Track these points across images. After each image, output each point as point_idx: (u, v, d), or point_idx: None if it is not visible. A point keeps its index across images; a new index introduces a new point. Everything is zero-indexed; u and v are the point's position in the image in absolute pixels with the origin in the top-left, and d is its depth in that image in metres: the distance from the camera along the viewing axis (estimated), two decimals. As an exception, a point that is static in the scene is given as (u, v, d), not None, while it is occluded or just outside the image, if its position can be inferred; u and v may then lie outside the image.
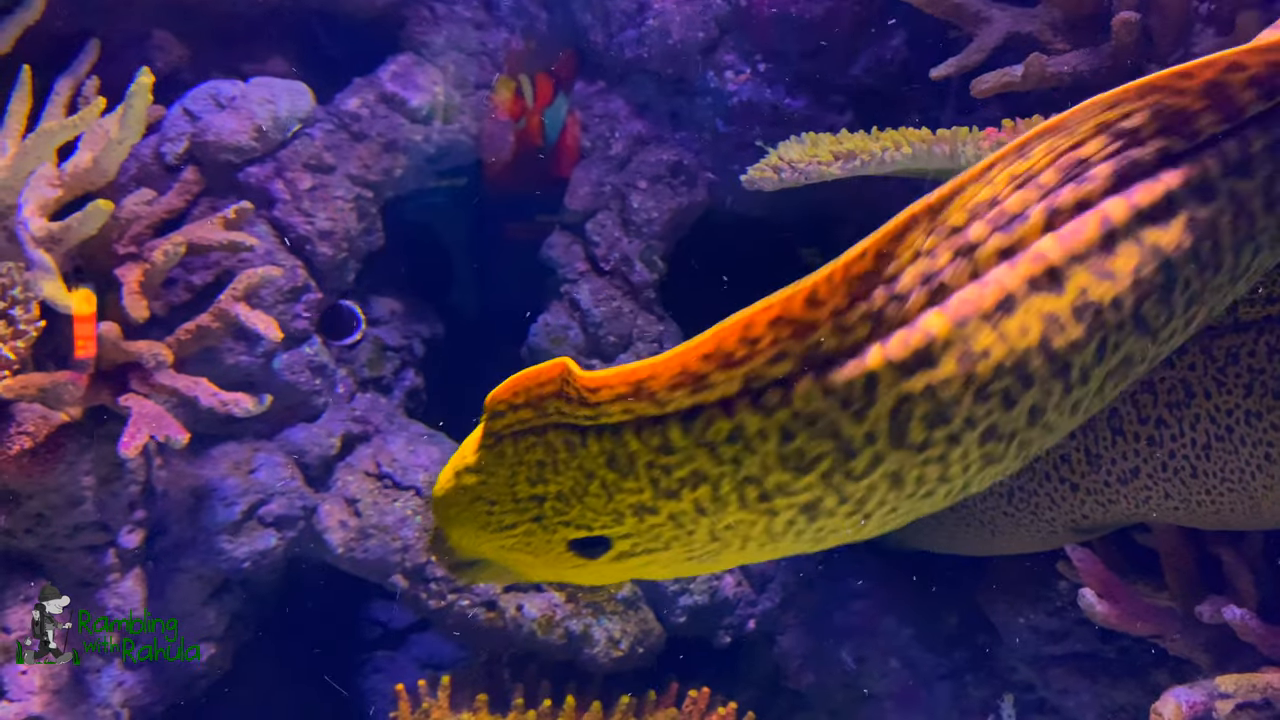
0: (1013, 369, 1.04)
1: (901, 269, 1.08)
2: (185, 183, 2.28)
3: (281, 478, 2.33)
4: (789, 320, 1.09)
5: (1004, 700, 2.58)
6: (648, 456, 1.15)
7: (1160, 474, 2.10)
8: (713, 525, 1.18)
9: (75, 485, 2.06)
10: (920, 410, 1.06)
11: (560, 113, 2.78)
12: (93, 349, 1.97)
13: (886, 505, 1.16)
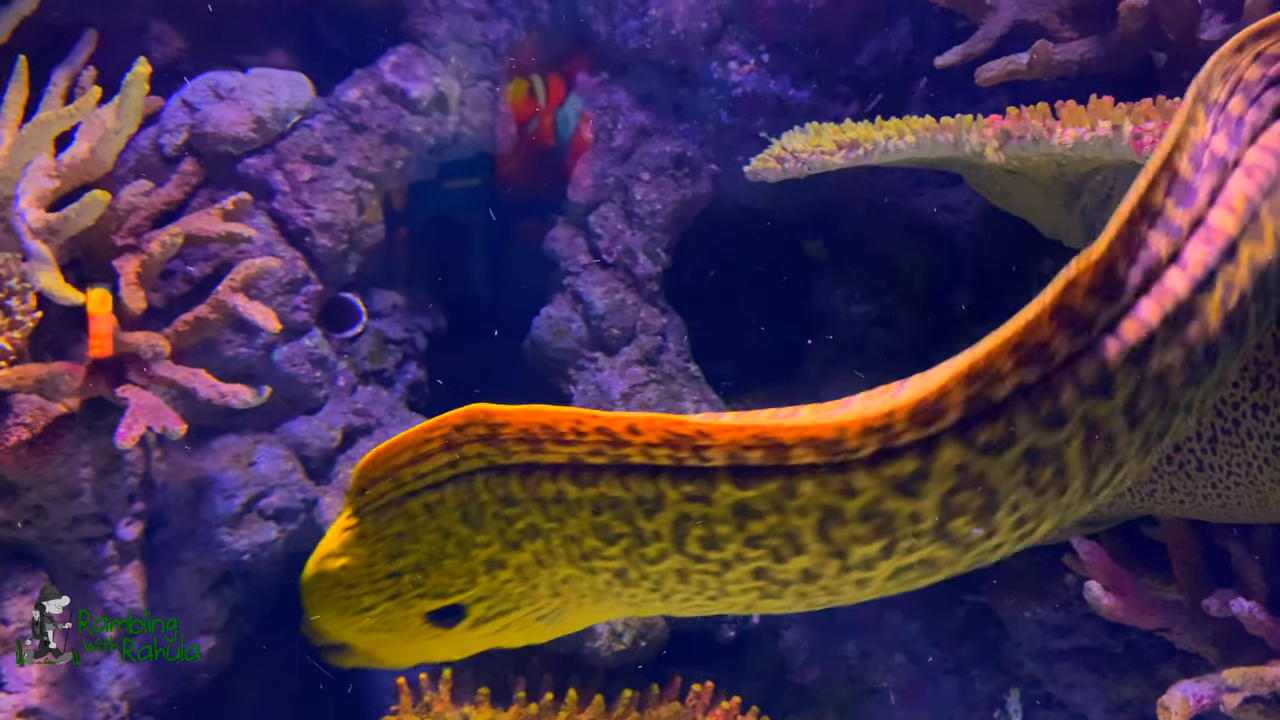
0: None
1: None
2: (184, 174, 2.27)
3: (282, 470, 2.32)
4: (609, 431, 1.12)
5: (1010, 695, 2.55)
6: (494, 507, 1.21)
7: (1165, 467, 2.09)
8: (552, 579, 1.24)
9: (73, 477, 2.05)
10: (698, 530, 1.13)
11: (572, 113, 2.76)
12: (108, 348, 1.96)
13: (678, 594, 1.21)
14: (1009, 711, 2.55)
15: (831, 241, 2.92)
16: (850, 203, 2.89)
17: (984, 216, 2.84)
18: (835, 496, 1.08)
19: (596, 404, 2.62)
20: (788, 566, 1.13)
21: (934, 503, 1.07)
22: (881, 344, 2.81)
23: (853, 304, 2.83)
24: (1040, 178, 2.10)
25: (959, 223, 2.89)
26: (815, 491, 1.08)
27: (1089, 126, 1.79)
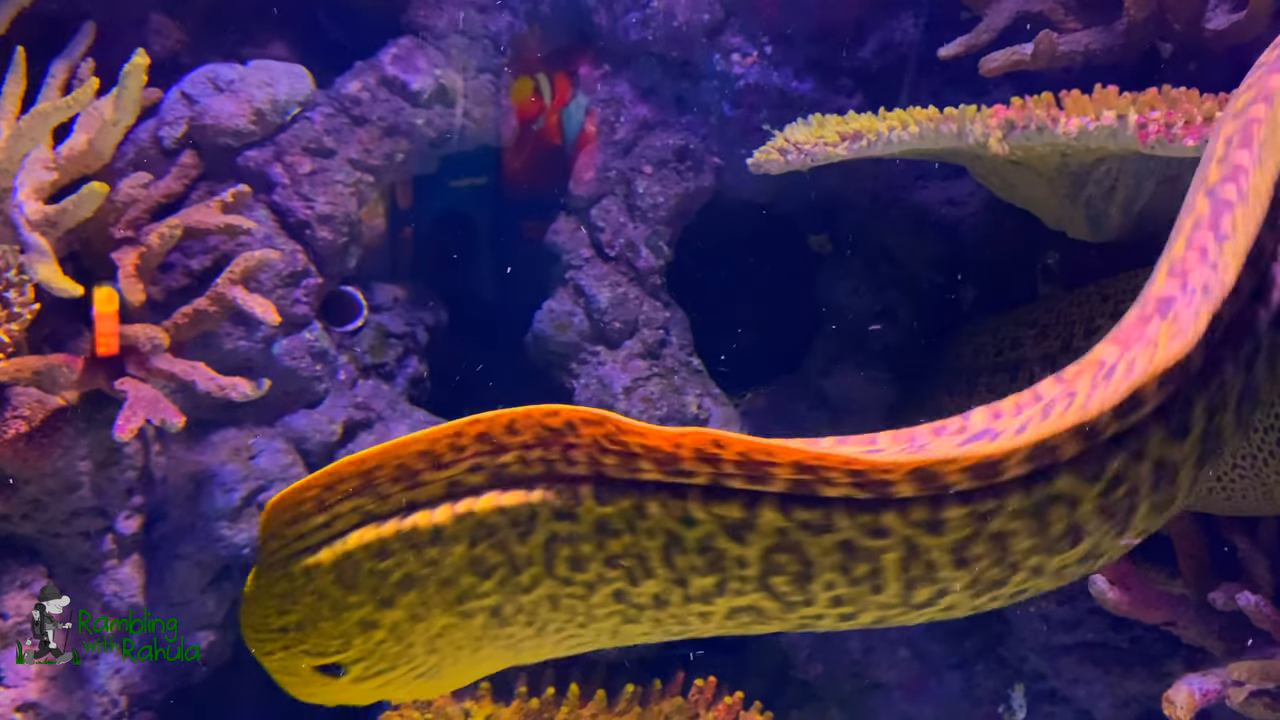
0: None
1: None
2: (183, 166, 2.26)
3: (282, 464, 2.30)
4: (490, 436, 1.14)
5: (1014, 690, 2.54)
6: (369, 564, 1.21)
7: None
8: (427, 633, 1.25)
9: (72, 470, 2.05)
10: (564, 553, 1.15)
11: (578, 112, 2.75)
12: (115, 347, 1.95)
13: (552, 624, 1.22)
14: (1013, 706, 2.54)
15: (835, 235, 2.91)
16: (853, 196, 2.88)
17: (988, 209, 2.83)
18: (677, 523, 1.10)
19: (599, 398, 2.61)
20: (641, 590, 1.15)
21: (758, 553, 1.09)
22: (884, 337, 2.80)
23: (856, 297, 2.81)
24: (1044, 169, 2.08)
25: (962, 216, 2.88)
26: (661, 514, 1.10)
27: (1094, 116, 1.78)
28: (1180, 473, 1.08)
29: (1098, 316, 2.28)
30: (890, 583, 1.10)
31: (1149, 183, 2.06)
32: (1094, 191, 2.09)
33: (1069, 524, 1.06)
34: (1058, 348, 2.36)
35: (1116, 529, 1.09)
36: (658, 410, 2.58)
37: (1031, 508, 1.06)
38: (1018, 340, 2.48)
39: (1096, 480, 1.05)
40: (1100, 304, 2.28)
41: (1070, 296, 2.39)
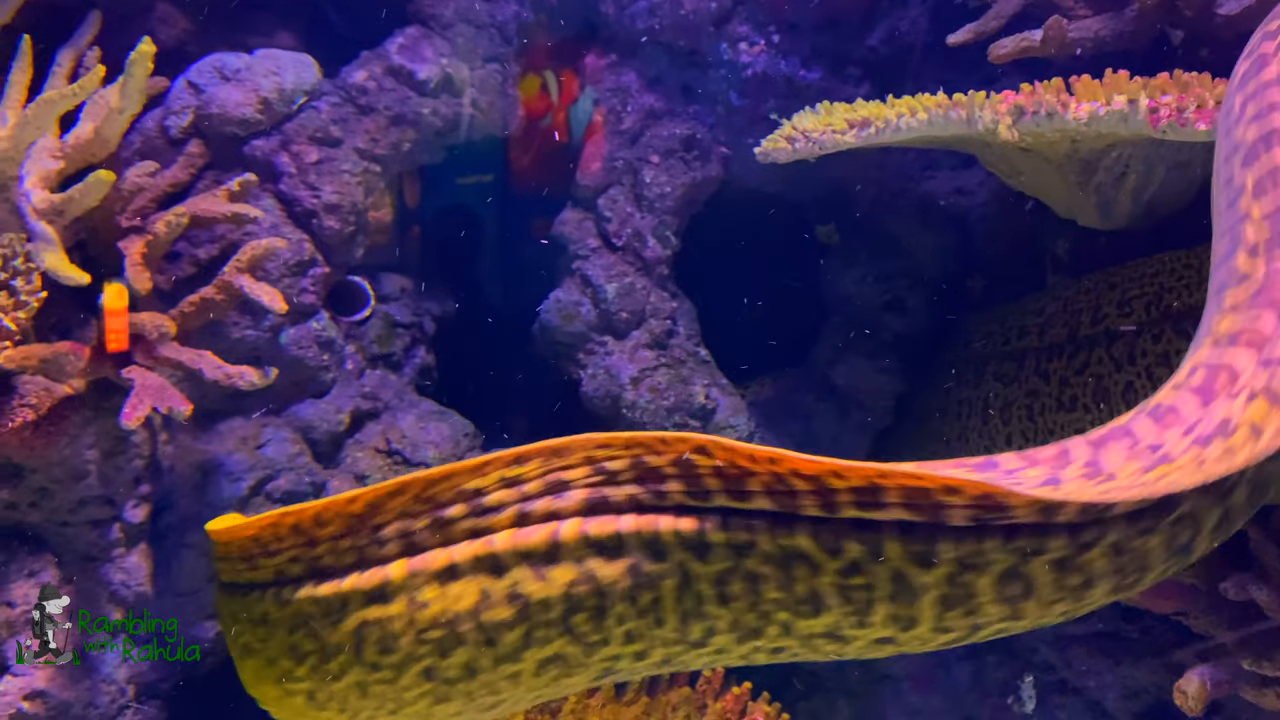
0: (445, 624, 1.21)
1: (387, 521, 1.22)
2: (189, 156, 2.26)
3: (289, 453, 2.30)
4: (303, 529, 1.23)
5: (1024, 681, 2.53)
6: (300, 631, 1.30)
7: None
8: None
9: (79, 458, 2.04)
10: (374, 635, 1.22)
11: (585, 109, 2.74)
12: (124, 343, 1.94)
13: (362, 712, 1.28)
14: (1023, 698, 2.52)
15: (842, 225, 2.90)
16: (861, 186, 2.87)
17: (996, 199, 2.81)
18: (486, 576, 1.18)
19: (606, 388, 2.61)
20: (449, 663, 1.22)
21: (559, 593, 1.16)
22: (893, 327, 2.79)
23: (864, 287, 2.80)
24: (1054, 155, 2.07)
25: (971, 205, 2.87)
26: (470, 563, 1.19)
27: (1104, 101, 1.77)
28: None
29: (1104, 305, 2.27)
30: (668, 617, 1.18)
31: (1160, 169, 2.05)
32: (1104, 179, 2.08)
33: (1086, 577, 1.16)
34: (1064, 336, 2.35)
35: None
36: (665, 400, 2.58)
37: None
38: (1024, 329, 2.48)
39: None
40: (1107, 292, 2.27)
41: (1077, 285, 2.39)
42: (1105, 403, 2.18)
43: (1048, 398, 2.32)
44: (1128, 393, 2.14)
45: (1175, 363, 2.05)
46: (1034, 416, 2.34)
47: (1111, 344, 2.21)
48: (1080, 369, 2.26)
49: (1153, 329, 2.13)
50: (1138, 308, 2.17)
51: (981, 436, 2.49)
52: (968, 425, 2.53)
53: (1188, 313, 2.07)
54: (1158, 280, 2.15)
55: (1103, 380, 2.20)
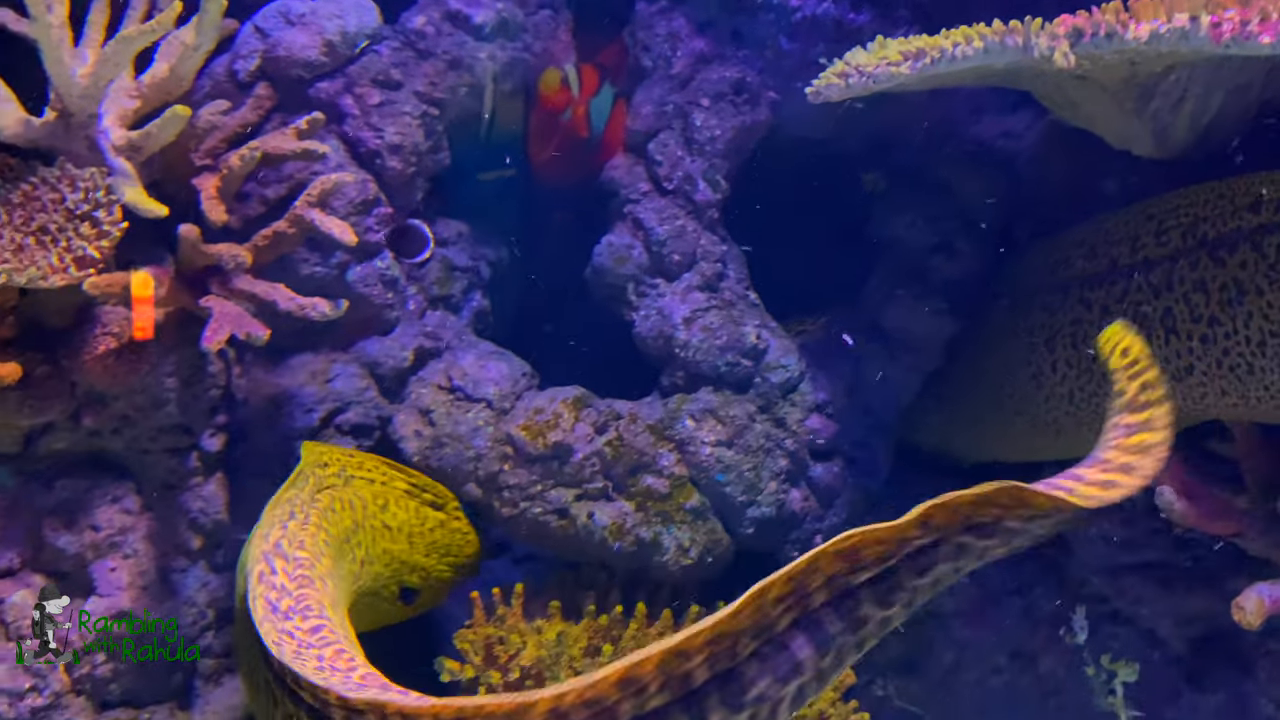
0: None
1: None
2: (258, 98, 2.32)
3: (358, 387, 2.37)
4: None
5: (1076, 612, 2.56)
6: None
7: (1215, 371, 2.11)
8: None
9: (159, 386, 2.11)
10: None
11: (606, 103, 2.78)
12: (150, 331, 2.00)
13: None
14: (1075, 628, 2.56)
15: (891, 170, 2.92)
16: (909, 131, 2.89)
17: (1045, 141, 2.83)
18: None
19: (659, 328, 2.65)
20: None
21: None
22: (942, 271, 2.81)
23: (913, 230, 2.82)
24: (1111, 82, 2.09)
25: (1019, 149, 2.88)
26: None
27: (1165, 18, 1.78)
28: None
29: (1142, 235, 2.31)
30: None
31: (1218, 95, 2.06)
32: (1161, 104, 2.10)
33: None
34: (1105, 266, 2.39)
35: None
36: (717, 339, 2.62)
37: None
38: (1069, 260, 2.52)
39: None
40: (1145, 223, 2.31)
41: (1116, 217, 2.43)
42: (1144, 328, 2.23)
43: (1090, 325, 2.36)
44: (1166, 318, 2.19)
45: (1211, 289, 2.11)
46: (1077, 344, 2.39)
47: (1150, 271, 2.25)
48: (1120, 297, 2.31)
49: (1189, 256, 2.17)
50: (1174, 236, 2.22)
51: (1029, 365, 2.52)
52: (1015, 356, 2.57)
53: (1221, 240, 2.11)
54: (1192, 210, 2.20)
55: (1141, 307, 2.25)
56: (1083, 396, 2.37)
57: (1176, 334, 2.15)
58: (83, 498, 2.12)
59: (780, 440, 2.63)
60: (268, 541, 1.70)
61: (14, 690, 2.01)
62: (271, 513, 1.85)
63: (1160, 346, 2.18)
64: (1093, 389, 2.36)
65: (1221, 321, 2.07)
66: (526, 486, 2.46)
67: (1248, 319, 2.03)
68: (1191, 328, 2.12)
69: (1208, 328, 2.09)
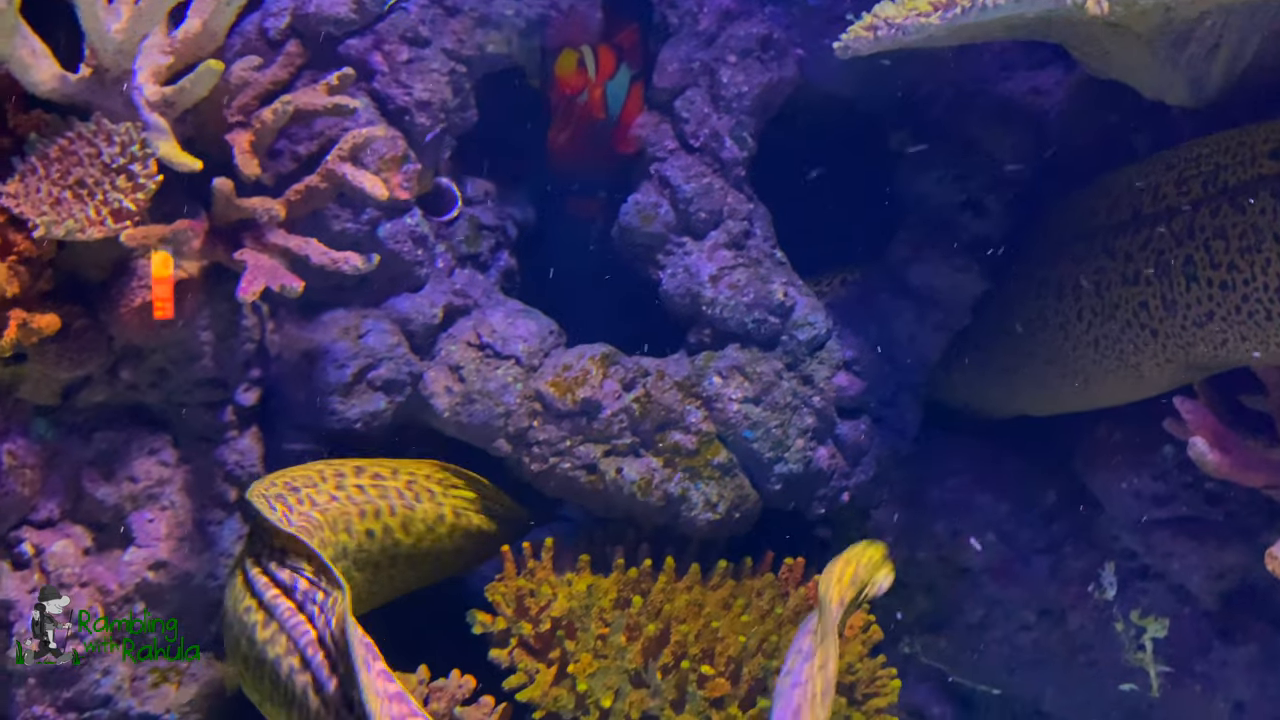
0: None
1: None
2: (288, 55, 2.33)
3: (389, 344, 2.39)
4: None
5: (1105, 568, 2.56)
6: None
7: (1234, 317, 2.12)
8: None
9: (194, 340, 2.14)
10: None
11: (623, 86, 2.77)
12: (170, 311, 2.02)
13: None
14: (1104, 584, 2.56)
15: (919, 126, 2.90)
16: (937, 88, 2.87)
17: (1075, 96, 2.80)
18: None
19: (686, 286, 2.65)
20: None
21: None
22: (970, 228, 2.80)
23: (941, 187, 2.81)
24: (1144, 29, 2.07)
25: (1049, 105, 2.86)
26: None
27: (1201, -40, 1.77)
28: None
29: (1163, 185, 2.30)
30: None
31: (1254, 39, 2.04)
32: (1196, 51, 2.08)
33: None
34: (1129, 215, 2.40)
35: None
36: (744, 296, 2.62)
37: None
38: (1094, 210, 2.52)
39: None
40: (1164, 172, 2.32)
41: (1139, 167, 2.43)
42: (1165, 275, 2.23)
43: (1114, 273, 2.37)
44: (1186, 265, 2.19)
45: (1230, 236, 2.12)
46: (1101, 292, 2.40)
47: (1171, 219, 2.25)
48: (1143, 245, 2.31)
49: (1209, 204, 2.17)
50: (1195, 185, 2.22)
51: (1056, 314, 2.52)
52: (1044, 305, 2.57)
53: (1241, 188, 2.12)
54: (1213, 159, 2.21)
55: (1163, 255, 2.25)
56: (1107, 343, 2.39)
57: (1197, 281, 2.16)
58: (121, 450, 2.16)
59: (807, 397, 2.64)
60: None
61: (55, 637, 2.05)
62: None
63: (1181, 294, 2.19)
64: (1115, 335, 2.37)
65: (1240, 268, 2.08)
66: (556, 442, 2.48)
67: (1266, 265, 2.04)
68: (1211, 274, 2.13)
69: (1227, 274, 2.11)
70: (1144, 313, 2.27)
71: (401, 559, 2.26)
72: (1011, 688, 2.77)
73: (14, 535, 2.11)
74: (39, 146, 2.01)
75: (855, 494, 2.71)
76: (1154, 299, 2.24)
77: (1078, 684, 2.66)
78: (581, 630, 2.27)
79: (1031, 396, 2.70)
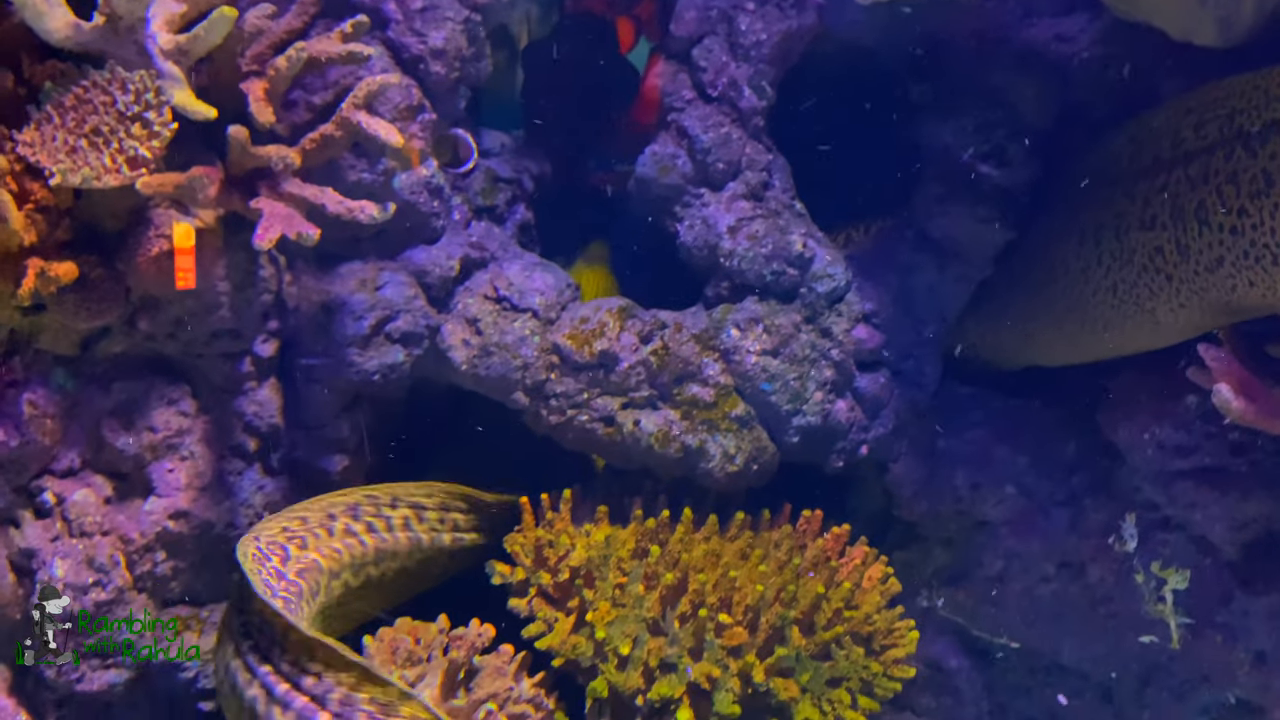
0: None
1: None
2: (302, 3, 2.29)
3: (406, 296, 2.38)
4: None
5: (1126, 519, 2.54)
6: None
7: (1242, 262, 2.10)
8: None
9: (211, 291, 2.14)
10: None
11: (641, 58, 2.73)
12: (193, 281, 2.02)
13: None
14: (1124, 536, 2.54)
15: (940, 75, 2.86)
16: (958, 37, 2.81)
17: (1098, 43, 2.75)
18: None
19: (704, 238, 2.63)
20: None
21: None
22: (993, 178, 2.75)
23: (963, 137, 2.76)
24: (1173, -34, 2.02)
25: (1073, 52, 2.80)
26: None
27: (1234, -109, 1.72)
28: None
29: (1183, 129, 2.27)
30: None
31: (1286, -24, 1.99)
32: (1225, -12, 2.03)
33: None
34: (1149, 161, 2.37)
35: None
36: (763, 248, 2.60)
37: None
38: (1117, 156, 2.48)
39: None
40: (1184, 116, 2.29)
41: (1160, 112, 2.39)
42: (1180, 220, 2.21)
43: (1132, 218, 2.35)
44: (1199, 210, 2.17)
45: (1241, 180, 2.08)
46: (1120, 236, 2.38)
47: (1189, 164, 2.22)
48: (1160, 189, 2.30)
49: (1224, 148, 2.15)
50: (1212, 130, 2.19)
51: (1078, 260, 2.50)
52: (1067, 252, 2.54)
53: (1255, 131, 2.09)
54: (1229, 103, 2.17)
55: (1178, 199, 2.23)
56: (1124, 288, 2.37)
57: (1209, 225, 2.14)
58: (140, 400, 2.16)
59: (826, 350, 2.62)
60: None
61: (78, 585, 2.07)
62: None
63: (1194, 239, 2.18)
64: (1132, 280, 2.35)
65: (1249, 212, 2.06)
66: (573, 395, 2.47)
67: (1274, 210, 2.01)
68: (1223, 219, 2.11)
69: (1237, 219, 2.08)
70: (1159, 258, 2.25)
71: (400, 584, 2.31)
72: (1030, 640, 2.77)
73: (36, 484, 2.13)
74: (54, 95, 2.00)
75: (874, 447, 2.69)
76: (1168, 244, 2.22)
77: (1097, 636, 2.65)
78: (600, 579, 2.27)
79: (1049, 345, 2.68)
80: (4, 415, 2.07)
